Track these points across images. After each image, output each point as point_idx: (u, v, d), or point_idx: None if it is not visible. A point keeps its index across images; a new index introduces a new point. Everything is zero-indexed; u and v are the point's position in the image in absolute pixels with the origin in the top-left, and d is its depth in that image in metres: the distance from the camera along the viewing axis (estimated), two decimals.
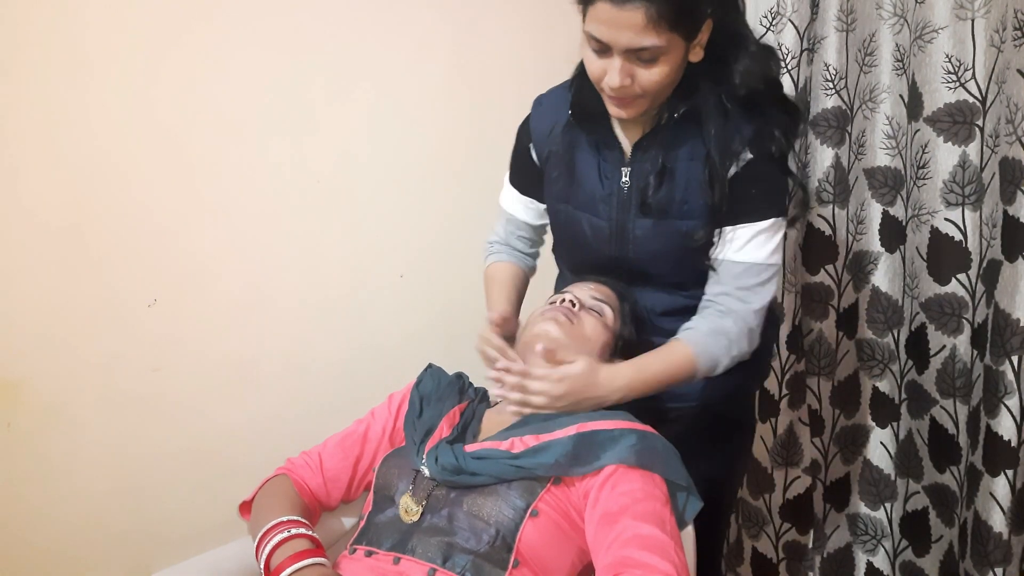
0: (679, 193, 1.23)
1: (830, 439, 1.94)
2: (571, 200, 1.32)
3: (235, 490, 1.24)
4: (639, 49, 1.09)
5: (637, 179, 1.25)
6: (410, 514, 1.08)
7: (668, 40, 1.09)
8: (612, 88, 1.13)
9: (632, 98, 1.16)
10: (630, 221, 1.27)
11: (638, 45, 1.08)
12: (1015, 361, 1.51)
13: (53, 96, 1.52)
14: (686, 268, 1.28)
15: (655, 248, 1.27)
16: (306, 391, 1.84)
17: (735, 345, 1.23)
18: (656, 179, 1.23)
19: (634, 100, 1.16)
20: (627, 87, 1.13)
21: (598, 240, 1.30)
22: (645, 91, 1.14)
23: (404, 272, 1.92)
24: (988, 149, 1.57)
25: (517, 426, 1.15)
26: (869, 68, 1.72)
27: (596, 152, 1.28)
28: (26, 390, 1.57)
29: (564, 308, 1.23)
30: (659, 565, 0.96)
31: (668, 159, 1.23)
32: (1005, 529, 1.57)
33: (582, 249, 1.35)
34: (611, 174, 1.28)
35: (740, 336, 1.23)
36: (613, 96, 1.16)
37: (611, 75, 1.12)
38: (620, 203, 1.27)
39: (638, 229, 1.27)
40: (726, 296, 1.24)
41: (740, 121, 1.19)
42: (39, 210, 1.54)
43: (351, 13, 1.76)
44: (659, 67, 1.12)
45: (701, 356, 1.21)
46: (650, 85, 1.13)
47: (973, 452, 1.64)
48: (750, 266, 1.23)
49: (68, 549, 1.64)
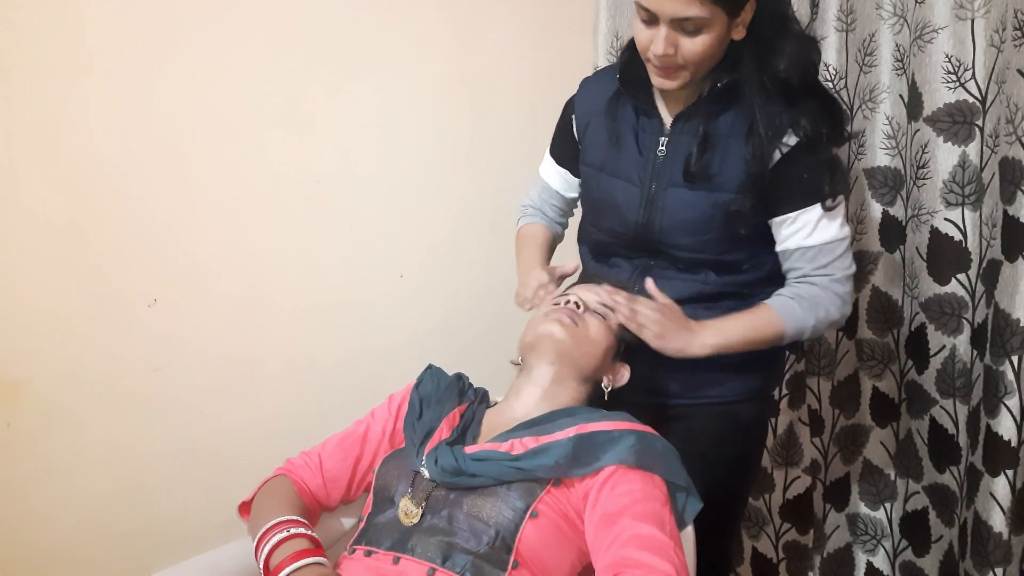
0: (716, 166, 1.27)
1: (830, 439, 1.94)
2: (606, 167, 1.37)
3: (235, 490, 1.24)
4: (684, 19, 1.15)
5: (674, 149, 1.30)
6: (409, 516, 1.08)
7: (712, 12, 1.14)
8: (656, 56, 1.19)
9: (675, 68, 1.21)
10: (662, 189, 1.31)
11: (683, 15, 1.14)
12: (1015, 361, 1.51)
13: (53, 96, 1.52)
14: (707, 243, 1.31)
15: (682, 217, 1.30)
16: (306, 391, 1.84)
17: (822, 308, 1.28)
18: (699, 148, 1.27)
19: (677, 71, 1.21)
20: (671, 56, 1.18)
21: (628, 207, 1.34)
22: (687, 61, 1.19)
23: (404, 272, 1.92)
24: (988, 149, 1.57)
25: (517, 428, 1.15)
26: (869, 68, 1.72)
27: (636, 121, 1.34)
28: (26, 390, 1.58)
29: (568, 310, 1.23)
30: (658, 565, 0.96)
31: (710, 128, 1.27)
32: (1005, 529, 1.57)
33: (610, 217, 1.38)
34: (649, 143, 1.33)
35: (828, 301, 1.28)
36: (657, 66, 1.21)
37: (656, 43, 1.18)
38: (654, 171, 1.32)
39: (669, 198, 1.31)
40: (808, 277, 1.30)
41: (782, 103, 1.23)
42: (39, 210, 1.54)
43: (351, 13, 1.76)
44: (702, 38, 1.17)
45: (788, 320, 1.27)
46: (692, 55, 1.18)
47: (973, 452, 1.64)
48: (822, 247, 1.28)
49: (68, 549, 1.64)
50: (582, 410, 1.18)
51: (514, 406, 1.21)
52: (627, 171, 1.34)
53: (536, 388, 1.20)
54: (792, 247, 1.29)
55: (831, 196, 1.27)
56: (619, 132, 1.35)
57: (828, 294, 1.28)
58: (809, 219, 1.27)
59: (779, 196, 1.27)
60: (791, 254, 1.30)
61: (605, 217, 1.39)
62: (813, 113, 1.24)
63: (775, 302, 1.29)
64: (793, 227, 1.28)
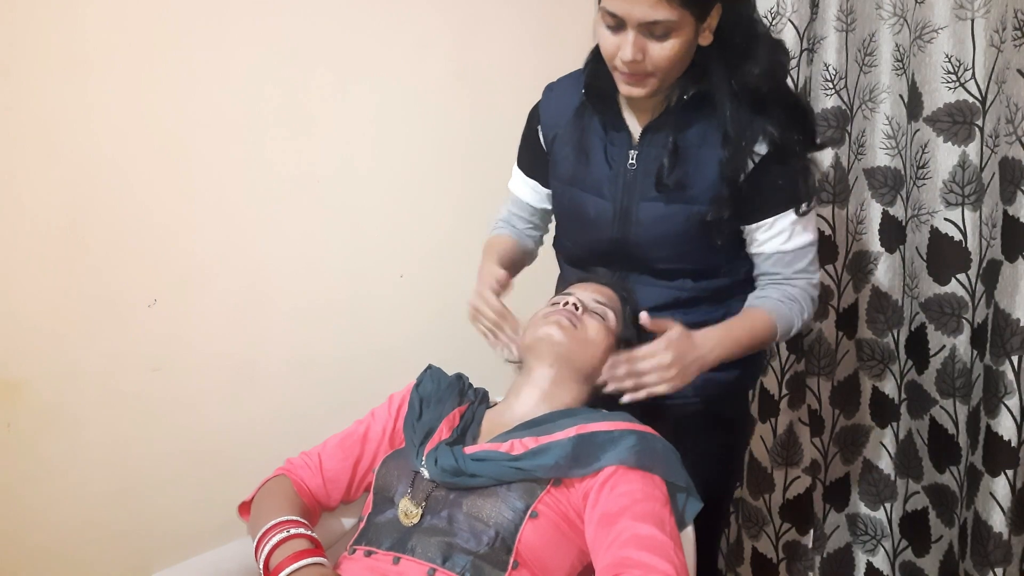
0: (689, 177, 1.26)
1: (830, 439, 1.94)
2: (576, 181, 1.34)
3: (235, 490, 1.24)
4: (652, 23, 1.13)
5: (645, 162, 1.28)
6: (409, 517, 1.08)
7: (680, 15, 1.13)
8: (625, 62, 1.16)
9: (643, 75, 1.19)
10: (635, 204, 1.29)
11: (651, 18, 1.12)
12: (1015, 361, 1.51)
13: (53, 96, 1.52)
14: (685, 254, 1.31)
15: (658, 231, 1.29)
16: (306, 391, 1.84)
17: (805, 310, 1.31)
18: (670, 159, 1.25)
19: (645, 78, 1.19)
20: (639, 62, 1.16)
21: (601, 222, 1.32)
22: (656, 67, 1.17)
23: (404, 272, 1.92)
24: (988, 149, 1.57)
25: (517, 428, 1.15)
26: (869, 68, 1.72)
27: (604, 134, 1.31)
28: (26, 390, 1.58)
29: (567, 311, 1.23)
30: (658, 565, 0.96)
31: (680, 140, 1.26)
32: (1005, 529, 1.57)
33: (583, 232, 1.36)
34: (618, 156, 1.30)
35: (807, 303, 1.31)
36: (625, 73, 1.19)
37: (624, 49, 1.15)
38: (625, 185, 1.30)
39: (642, 212, 1.29)
40: (786, 280, 1.31)
41: (751, 111, 1.22)
42: (39, 210, 1.54)
43: (351, 13, 1.76)
44: (671, 42, 1.15)
45: (780, 319, 1.28)
46: (661, 61, 1.17)
47: (973, 452, 1.64)
48: (798, 251, 1.30)
49: (68, 549, 1.64)
50: (582, 410, 1.18)
51: (514, 406, 1.21)
52: (597, 186, 1.32)
53: (536, 389, 1.20)
54: (770, 251, 1.30)
55: (806, 201, 1.27)
56: (587, 146, 1.32)
57: (806, 296, 1.31)
58: (785, 225, 1.27)
59: (755, 203, 1.26)
60: (769, 258, 1.30)
61: (579, 231, 1.38)
62: (783, 121, 1.23)
63: (767, 304, 1.29)
64: (770, 232, 1.28)
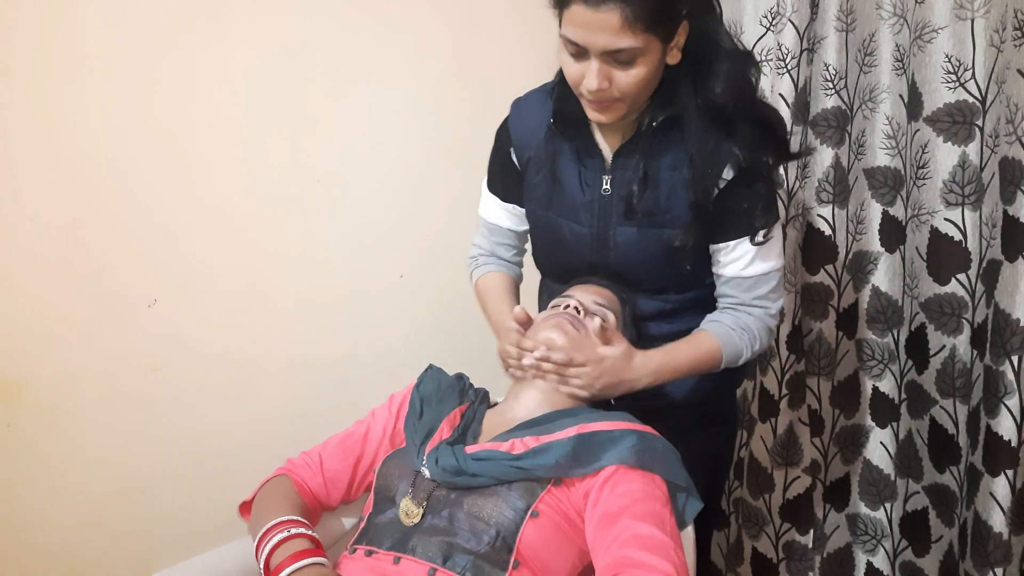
0: (663, 202, 1.24)
1: (830, 439, 1.94)
2: (551, 207, 1.32)
3: (235, 490, 1.24)
4: (616, 51, 1.09)
5: (619, 187, 1.26)
6: (410, 517, 1.08)
7: (645, 41, 1.09)
8: (590, 91, 1.13)
9: (611, 101, 1.16)
10: (611, 228, 1.28)
11: (615, 47, 1.08)
12: (1015, 361, 1.51)
13: (52, 96, 1.52)
14: (667, 275, 1.30)
15: (636, 255, 1.28)
16: (306, 391, 1.84)
17: (757, 341, 1.28)
18: (640, 186, 1.23)
19: (613, 104, 1.16)
20: (605, 90, 1.13)
21: (579, 246, 1.31)
22: (624, 94, 1.14)
23: (404, 272, 1.92)
24: (988, 149, 1.57)
25: (518, 427, 1.15)
26: (869, 68, 1.72)
27: (577, 159, 1.29)
28: (26, 390, 1.58)
29: (569, 314, 1.23)
30: (658, 565, 0.96)
31: (651, 167, 1.23)
32: (1005, 529, 1.57)
33: (563, 255, 1.35)
34: (592, 181, 1.28)
35: (762, 333, 1.29)
36: (592, 100, 1.16)
37: (589, 78, 1.12)
38: (601, 210, 1.28)
39: (619, 236, 1.28)
40: (744, 306, 1.29)
41: (720, 133, 1.19)
42: (39, 210, 1.54)
43: (351, 13, 1.76)
44: (637, 69, 1.12)
45: (727, 347, 1.26)
46: (628, 87, 1.13)
47: (973, 452, 1.64)
48: (759, 277, 1.27)
49: (68, 549, 1.64)
50: (583, 410, 1.18)
51: (514, 406, 1.21)
52: (572, 212, 1.30)
53: (536, 390, 1.21)
54: (729, 275, 1.28)
55: (766, 228, 1.24)
56: (560, 173, 1.29)
57: (761, 325, 1.29)
58: (745, 249, 1.25)
59: (718, 224, 1.25)
60: (728, 282, 1.29)
61: (557, 254, 1.37)
62: (750, 140, 1.20)
63: (718, 331, 1.27)
64: (731, 256, 1.27)
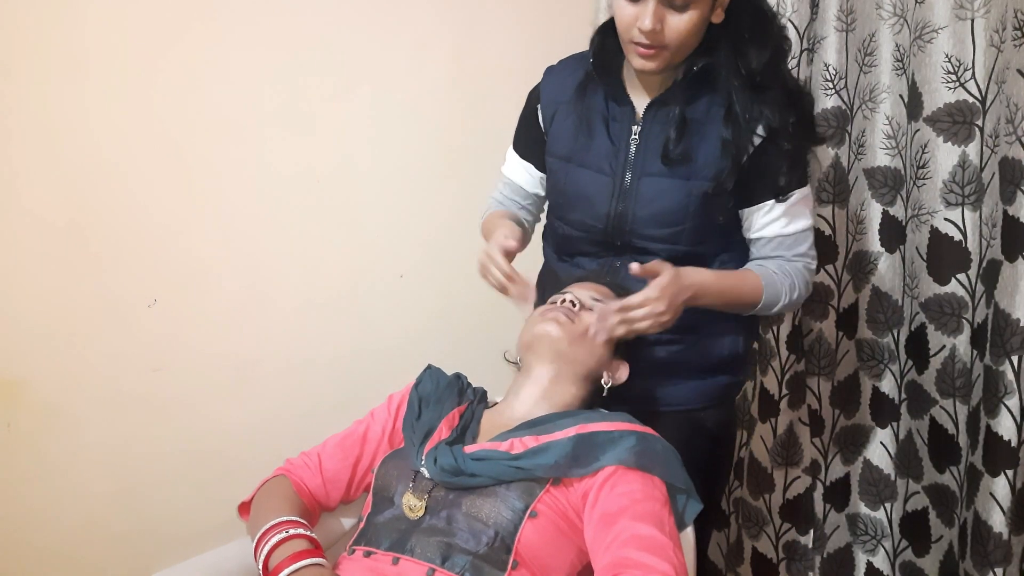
0: (696, 150, 1.27)
1: (830, 439, 1.94)
2: (574, 157, 1.34)
3: (235, 490, 1.24)
4: None
5: (647, 138, 1.29)
6: (414, 511, 1.08)
7: None
8: (644, 31, 1.17)
9: (659, 48, 1.20)
10: (636, 178, 1.30)
11: None
12: (1015, 361, 1.51)
13: (53, 96, 1.52)
14: (680, 232, 1.30)
15: (657, 206, 1.29)
16: (306, 391, 1.84)
17: (796, 289, 1.30)
18: (677, 131, 1.26)
19: (660, 51, 1.20)
20: (657, 32, 1.17)
21: (600, 198, 1.32)
22: (671, 40, 1.19)
23: (404, 272, 1.92)
24: (988, 149, 1.57)
25: (517, 427, 1.15)
26: (869, 68, 1.72)
27: (606, 110, 1.32)
28: (26, 390, 1.58)
29: (565, 309, 1.23)
30: (657, 565, 0.96)
31: (688, 113, 1.26)
32: (1005, 529, 1.57)
33: (580, 209, 1.35)
34: (621, 131, 1.31)
35: (801, 282, 1.31)
36: (643, 44, 1.19)
37: (644, 18, 1.16)
38: (628, 160, 1.30)
39: (643, 186, 1.29)
40: (786, 262, 1.31)
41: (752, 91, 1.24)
42: (39, 210, 1.54)
43: (351, 13, 1.76)
44: (689, 15, 1.17)
45: (768, 287, 1.28)
46: (678, 33, 1.18)
47: (973, 452, 1.64)
48: (799, 234, 1.31)
49: (68, 549, 1.64)
50: (582, 410, 1.18)
51: (514, 405, 1.21)
52: (597, 161, 1.32)
53: (535, 388, 1.20)
54: (771, 235, 1.30)
55: (803, 186, 1.29)
56: (589, 121, 1.33)
57: (801, 276, 1.32)
58: (785, 208, 1.28)
59: (755, 186, 1.28)
60: (770, 242, 1.31)
61: (574, 209, 1.36)
62: (781, 103, 1.24)
63: (763, 272, 1.29)
64: (770, 216, 1.29)
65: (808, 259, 1.33)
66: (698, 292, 1.21)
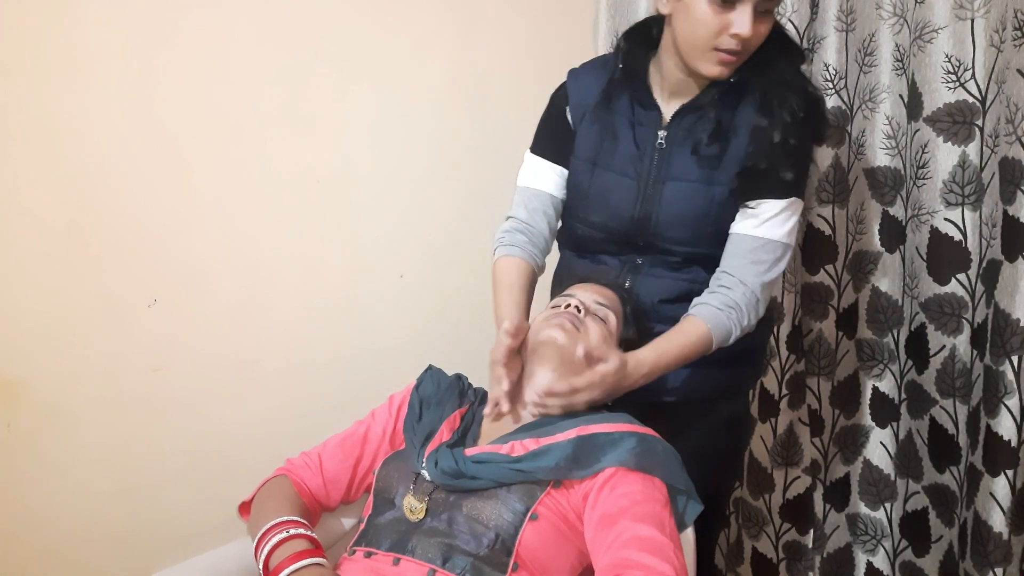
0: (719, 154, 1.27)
1: (830, 439, 1.94)
2: (599, 160, 1.34)
3: (235, 490, 1.24)
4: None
5: (673, 143, 1.29)
6: (415, 512, 1.08)
7: None
8: (742, 37, 1.15)
9: (743, 53, 1.19)
10: (660, 183, 1.30)
11: None
12: (1015, 361, 1.51)
13: (53, 96, 1.52)
14: (701, 237, 1.31)
15: (681, 211, 1.29)
16: (306, 391, 1.84)
17: (744, 316, 1.27)
18: (711, 136, 1.26)
19: (740, 57, 1.20)
20: (750, 39, 1.16)
21: (623, 201, 1.32)
22: (752, 46, 1.19)
23: (404, 272, 1.92)
24: (988, 149, 1.57)
25: (517, 430, 1.15)
26: (869, 68, 1.72)
27: (632, 115, 1.32)
28: (26, 390, 1.57)
29: (569, 314, 1.23)
30: (658, 566, 0.96)
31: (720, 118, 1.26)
32: (1005, 529, 1.57)
33: (602, 212, 1.35)
34: (646, 136, 1.31)
35: (749, 308, 1.27)
36: (727, 51, 1.18)
37: (741, 23, 1.14)
38: (652, 165, 1.30)
39: (667, 191, 1.29)
40: (739, 268, 1.27)
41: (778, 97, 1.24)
42: (39, 210, 1.54)
43: (351, 13, 1.76)
44: (770, 20, 1.18)
45: (715, 329, 1.25)
46: (759, 39, 1.18)
47: (973, 452, 1.64)
48: (767, 242, 1.27)
49: (68, 549, 1.64)
50: (583, 412, 1.18)
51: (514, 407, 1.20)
52: (622, 165, 1.32)
53: None
54: (739, 232, 1.28)
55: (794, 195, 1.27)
56: (615, 125, 1.33)
57: (748, 299, 1.26)
58: (767, 210, 1.26)
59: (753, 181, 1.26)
60: (736, 238, 1.28)
61: (597, 212, 1.36)
62: (795, 109, 1.24)
63: (705, 314, 1.26)
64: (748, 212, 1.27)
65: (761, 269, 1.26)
66: (645, 378, 1.21)
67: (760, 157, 1.24)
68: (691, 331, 1.25)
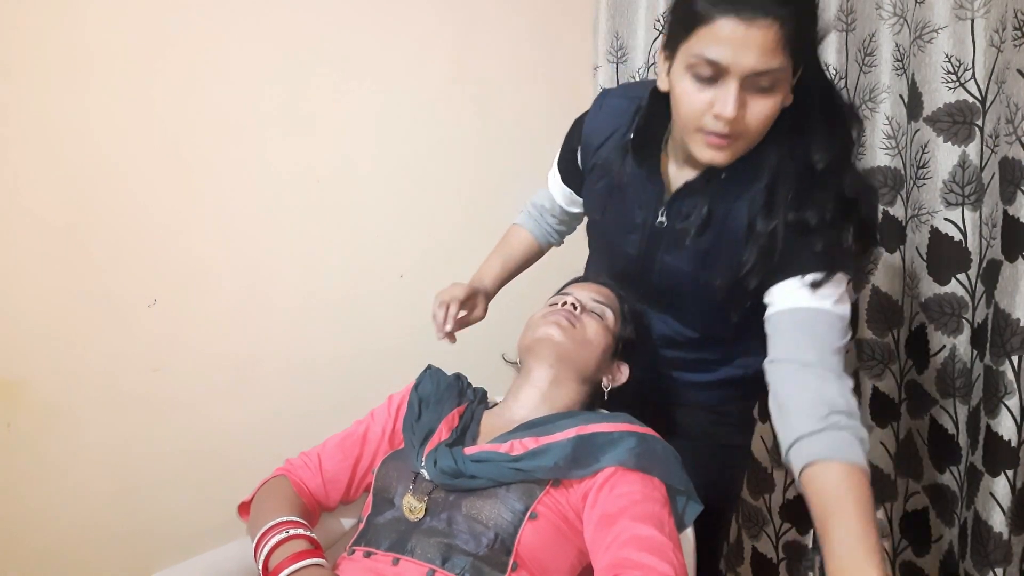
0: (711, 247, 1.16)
1: None
2: (607, 213, 1.30)
3: (235, 490, 1.24)
4: (761, 73, 0.96)
5: (673, 220, 1.18)
6: (415, 512, 1.08)
7: (786, 63, 0.97)
8: (726, 118, 0.99)
9: (735, 137, 1.02)
10: (657, 256, 1.23)
11: (763, 67, 0.96)
12: (1015, 361, 1.51)
13: (53, 96, 1.52)
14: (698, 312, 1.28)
15: (676, 283, 1.24)
16: (306, 391, 1.84)
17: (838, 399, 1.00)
18: (698, 229, 1.14)
19: (734, 140, 1.03)
20: (739, 120, 1.00)
21: (626, 258, 1.28)
22: (748, 128, 1.01)
23: (404, 272, 1.92)
24: (988, 149, 1.57)
25: (516, 429, 1.15)
26: (869, 68, 1.72)
27: (638, 183, 1.21)
28: (26, 390, 1.58)
29: (566, 312, 1.23)
30: (657, 566, 0.96)
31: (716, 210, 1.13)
32: (1005, 529, 1.57)
33: (609, 260, 1.35)
34: (648, 207, 1.21)
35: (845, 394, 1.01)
36: (715, 133, 1.02)
37: (724, 104, 0.98)
38: (651, 236, 1.23)
39: (665, 262, 1.23)
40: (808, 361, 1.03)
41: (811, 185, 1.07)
42: (39, 210, 1.54)
43: (351, 13, 1.76)
44: (772, 98, 1.00)
45: (860, 460, 1.00)
46: (759, 121, 1.01)
47: (973, 452, 1.64)
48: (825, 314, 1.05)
49: (68, 549, 1.64)
50: (582, 411, 1.18)
51: (513, 407, 1.21)
52: (624, 228, 1.25)
53: (535, 390, 1.21)
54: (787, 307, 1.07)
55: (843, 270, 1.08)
56: (622, 187, 1.23)
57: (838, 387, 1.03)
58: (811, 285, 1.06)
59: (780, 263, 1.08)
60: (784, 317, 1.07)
61: (605, 258, 1.36)
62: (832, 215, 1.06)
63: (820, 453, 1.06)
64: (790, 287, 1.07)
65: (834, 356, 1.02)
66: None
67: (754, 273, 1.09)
68: (853, 481, 1.01)
